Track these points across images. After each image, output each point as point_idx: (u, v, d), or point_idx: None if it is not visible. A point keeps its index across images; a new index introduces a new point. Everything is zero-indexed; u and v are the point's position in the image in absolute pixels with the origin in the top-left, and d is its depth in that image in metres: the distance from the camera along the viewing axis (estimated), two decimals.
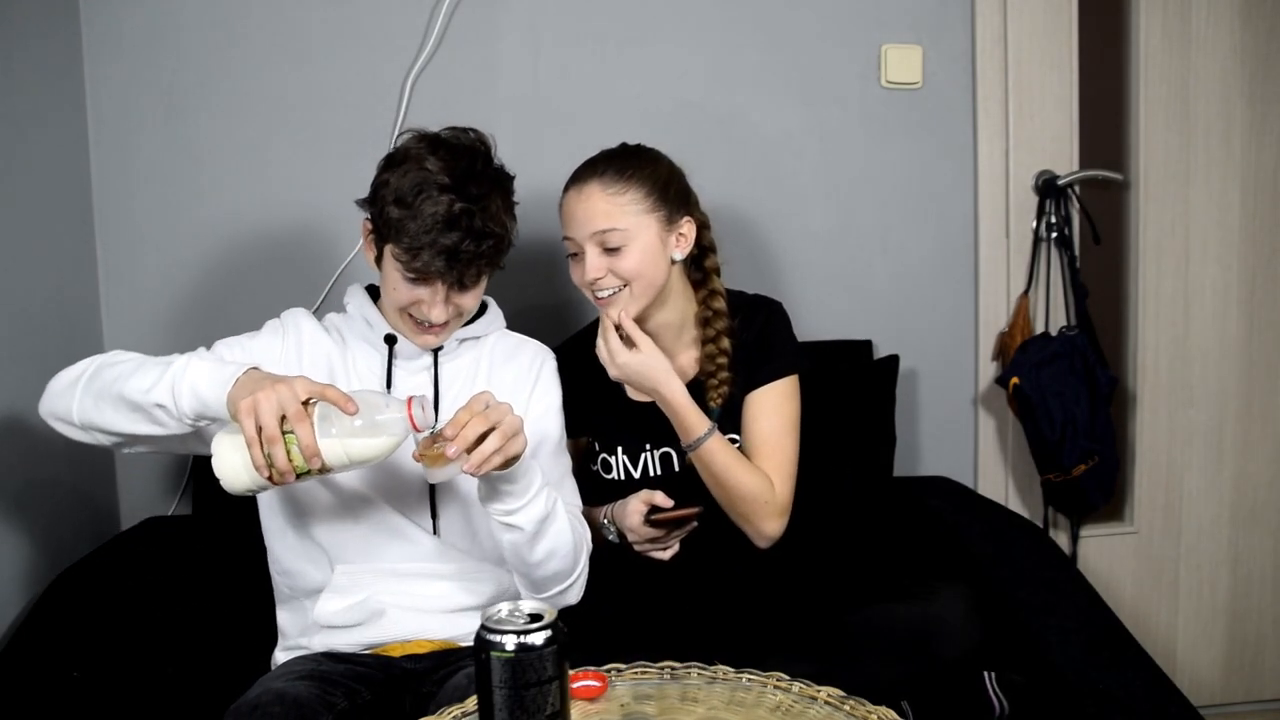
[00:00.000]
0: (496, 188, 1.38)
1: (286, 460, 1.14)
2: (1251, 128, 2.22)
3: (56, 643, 1.49)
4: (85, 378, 1.28)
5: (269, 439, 1.13)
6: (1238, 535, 2.33)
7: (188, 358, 1.25)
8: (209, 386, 1.19)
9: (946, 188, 2.17)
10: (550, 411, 1.52)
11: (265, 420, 1.12)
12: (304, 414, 1.14)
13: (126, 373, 1.24)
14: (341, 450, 1.16)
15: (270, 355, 1.43)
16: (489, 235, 1.34)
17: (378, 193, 1.37)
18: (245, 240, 1.98)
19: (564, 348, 1.65)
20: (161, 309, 1.97)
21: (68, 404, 1.27)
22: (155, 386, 1.21)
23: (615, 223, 1.52)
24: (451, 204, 1.32)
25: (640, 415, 1.63)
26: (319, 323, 1.49)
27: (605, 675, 1.18)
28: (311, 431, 1.14)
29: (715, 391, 1.61)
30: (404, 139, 1.41)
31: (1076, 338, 2.10)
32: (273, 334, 1.47)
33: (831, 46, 2.10)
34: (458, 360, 1.48)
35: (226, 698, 1.27)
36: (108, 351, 1.34)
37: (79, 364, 1.32)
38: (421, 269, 1.33)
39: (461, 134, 1.41)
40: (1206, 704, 2.31)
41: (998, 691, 1.43)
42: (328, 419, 1.15)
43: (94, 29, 1.91)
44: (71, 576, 1.65)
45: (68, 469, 1.80)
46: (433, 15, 1.98)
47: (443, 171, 1.33)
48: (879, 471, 2.00)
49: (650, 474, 1.63)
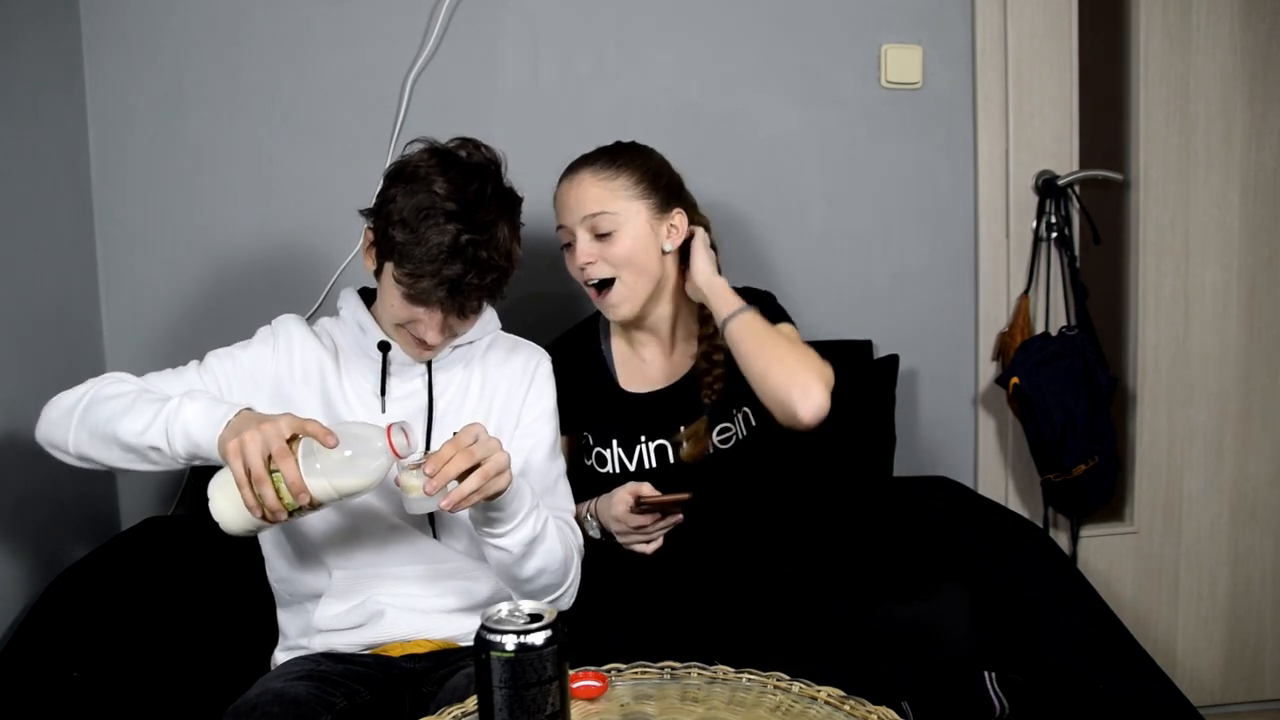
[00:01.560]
0: (504, 215, 1.35)
1: (276, 499, 1.15)
2: (1251, 128, 2.22)
3: (56, 643, 1.49)
4: (80, 410, 1.28)
5: (257, 479, 1.14)
6: (1238, 535, 2.33)
7: (180, 399, 1.24)
8: (201, 429, 1.21)
9: (946, 188, 2.17)
10: (544, 416, 1.51)
11: (251, 461, 1.14)
12: (287, 451, 1.15)
13: (120, 410, 1.25)
14: (328, 484, 1.17)
15: (261, 365, 1.43)
16: (493, 268, 1.32)
17: (383, 209, 1.34)
18: (245, 240, 1.98)
19: (557, 344, 1.65)
20: (161, 309, 1.97)
21: (63, 436, 1.29)
22: (149, 429, 1.23)
23: (605, 206, 1.54)
24: (458, 234, 1.28)
25: (635, 408, 1.64)
26: (310, 329, 1.48)
27: (605, 675, 1.18)
28: (296, 468, 1.15)
29: (709, 388, 1.61)
30: (414, 149, 1.37)
31: (1076, 338, 2.10)
32: (264, 343, 1.45)
33: (831, 46, 2.10)
34: (452, 368, 1.47)
35: (226, 698, 1.27)
36: (101, 376, 1.34)
37: (74, 392, 1.32)
38: (421, 295, 1.31)
39: (474, 150, 1.37)
40: (1206, 704, 2.31)
41: (998, 691, 1.43)
42: (312, 454, 1.16)
43: (94, 29, 1.91)
44: (71, 576, 1.65)
45: (68, 469, 1.79)
46: (433, 15, 1.98)
47: (450, 196, 1.29)
48: (879, 471, 2.00)
49: (646, 467, 1.63)
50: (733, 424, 1.63)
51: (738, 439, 1.63)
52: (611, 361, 1.69)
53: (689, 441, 1.61)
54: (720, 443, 1.63)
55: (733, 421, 1.63)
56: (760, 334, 1.53)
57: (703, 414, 1.61)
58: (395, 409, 1.43)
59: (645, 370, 1.68)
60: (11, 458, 1.61)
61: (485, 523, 1.30)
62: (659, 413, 1.63)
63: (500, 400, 1.48)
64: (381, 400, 1.43)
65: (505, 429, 1.47)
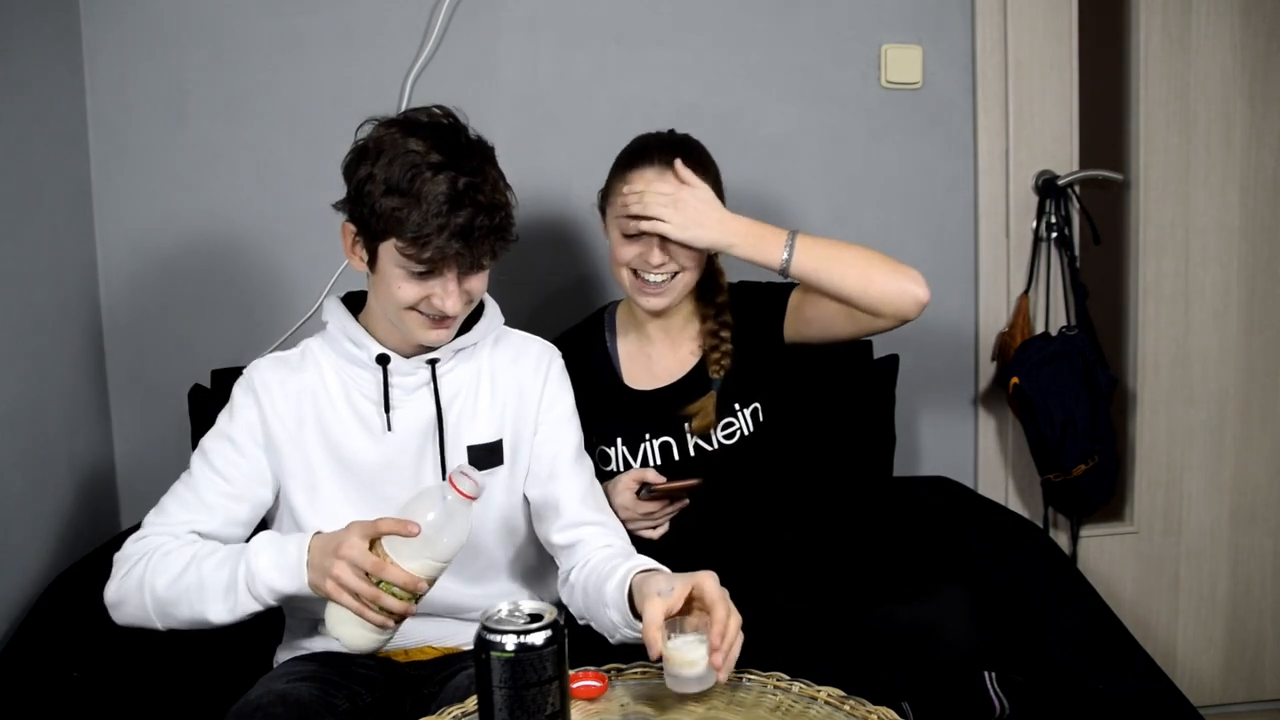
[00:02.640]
0: (488, 159, 1.30)
1: (398, 603, 1.15)
2: (1251, 128, 2.22)
3: (56, 643, 1.49)
4: (154, 611, 1.27)
5: (372, 600, 1.14)
6: (1238, 535, 2.33)
7: (244, 562, 1.23)
8: (286, 582, 1.22)
9: (946, 188, 2.17)
10: (565, 417, 1.47)
11: (358, 588, 1.14)
12: (383, 562, 1.14)
13: (193, 597, 1.25)
14: (430, 562, 1.16)
15: (253, 429, 1.37)
16: (498, 206, 1.26)
17: (362, 188, 1.27)
18: (245, 240, 1.98)
19: (561, 342, 1.63)
20: (161, 309, 1.97)
21: (145, 618, 1.29)
22: (237, 606, 1.24)
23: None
24: (454, 180, 1.23)
25: (639, 405, 1.65)
26: (286, 362, 1.41)
27: (605, 675, 1.18)
28: (400, 571, 1.14)
29: (717, 365, 1.63)
30: (366, 129, 1.31)
31: (1076, 338, 2.10)
32: (246, 404, 1.38)
33: (831, 46, 2.10)
34: (456, 371, 1.41)
35: (228, 698, 1.27)
36: (128, 547, 1.32)
37: (131, 572, 1.28)
38: (434, 256, 1.24)
39: (427, 112, 1.31)
40: (1206, 704, 2.31)
41: (998, 691, 1.43)
42: (396, 545, 1.15)
43: (94, 29, 1.91)
44: (71, 576, 1.65)
45: (68, 469, 1.80)
46: (433, 15, 1.98)
47: (431, 150, 1.24)
48: (879, 471, 2.00)
49: (650, 464, 1.63)
50: (737, 419, 1.64)
51: (742, 435, 1.64)
52: (617, 359, 1.69)
53: (697, 416, 1.62)
54: (725, 438, 1.63)
55: (737, 417, 1.64)
56: (828, 247, 1.53)
57: (711, 389, 1.62)
58: (401, 425, 1.38)
59: (651, 367, 1.68)
60: (12, 457, 1.61)
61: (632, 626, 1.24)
62: (664, 410, 1.63)
63: (515, 404, 1.44)
64: (386, 418, 1.38)
65: (524, 434, 1.44)
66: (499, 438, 1.43)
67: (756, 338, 1.64)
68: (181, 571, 1.26)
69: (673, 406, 1.64)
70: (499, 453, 1.43)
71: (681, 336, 1.68)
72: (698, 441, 1.63)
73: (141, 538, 1.33)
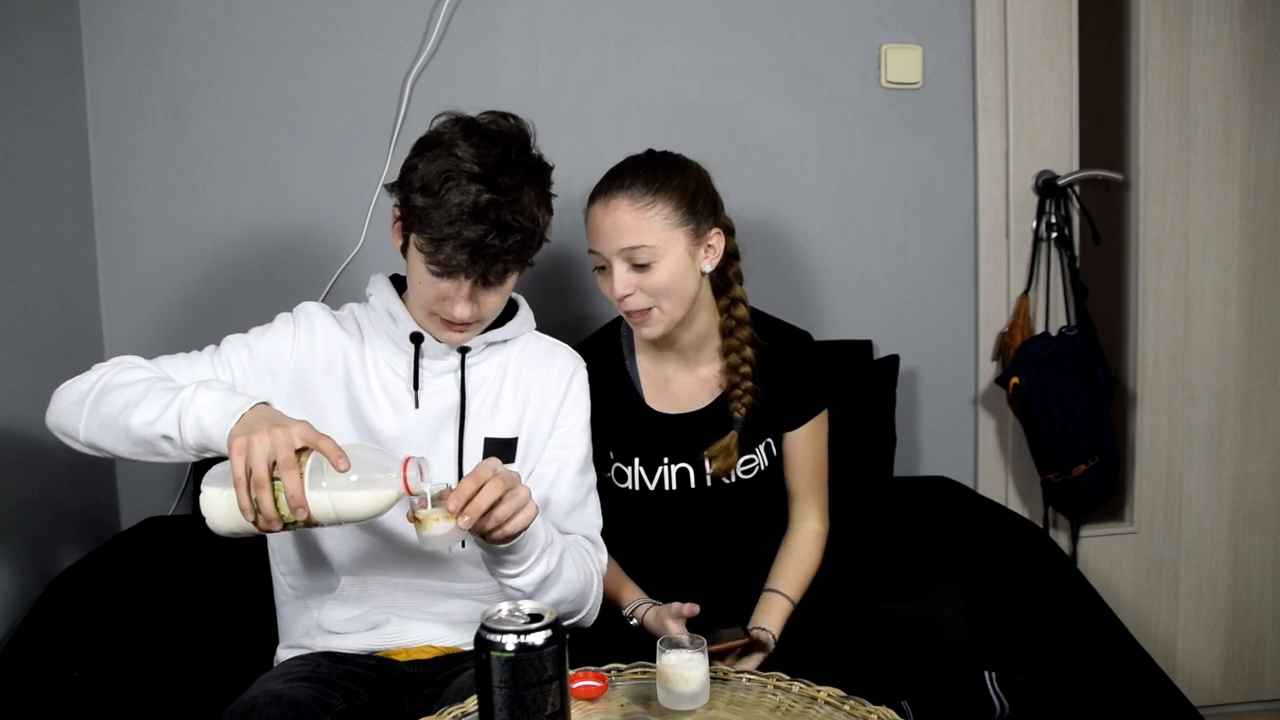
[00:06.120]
0: (531, 179, 1.31)
1: (273, 508, 1.09)
2: (1251, 128, 2.22)
3: (56, 643, 1.49)
4: (92, 398, 1.24)
5: (256, 483, 1.09)
6: (1238, 535, 2.33)
7: (195, 387, 1.19)
8: (215, 421, 1.16)
9: (946, 188, 2.17)
10: (579, 429, 1.47)
11: (255, 463, 1.08)
12: (294, 462, 1.09)
13: (133, 399, 1.21)
14: (330, 505, 1.11)
15: (280, 355, 1.38)
16: (516, 230, 1.27)
17: (405, 177, 1.31)
18: (245, 240, 1.98)
19: (580, 350, 1.57)
20: (161, 309, 1.97)
21: (74, 423, 1.25)
22: (161, 418, 1.18)
23: (643, 239, 1.47)
24: (479, 194, 1.24)
25: (660, 426, 1.61)
26: (334, 315, 1.43)
27: (605, 675, 1.18)
28: (299, 482, 1.09)
29: (739, 402, 1.59)
30: (439, 121, 1.34)
31: (1076, 338, 2.10)
32: (284, 331, 1.40)
33: (831, 46, 2.10)
34: (485, 364, 1.43)
35: (226, 697, 1.27)
36: (113, 359, 1.31)
37: (86, 378, 1.27)
38: (444, 262, 1.27)
39: (500, 119, 1.33)
40: (1206, 704, 2.31)
41: (998, 691, 1.43)
42: (319, 471, 1.10)
43: (94, 29, 1.91)
44: (71, 576, 1.65)
45: (68, 469, 1.80)
46: (433, 15, 1.98)
47: (474, 159, 1.26)
48: (879, 471, 2.00)
49: (666, 488, 1.60)
50: (756, 455, 1.62)
51: (760, 470, 1.63)
52: (637, 378, 1.64)
53: (718, 457, 1.59)
54: (744, 473, 1.62)
55: (756, 453, 1.63)
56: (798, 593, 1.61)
57: (732, 430, 1.59)
58: (427, 404, 1.39)
59: (670, 388, 1.63)
60: (12, 457, 1.61)
61: (498, 563, 1.26)
62: (686, 436, 1.59)
63: (535, 404, 1.44)
64: (415, 395, 1.39)
65: (539, 434, 1.44)
66: (515, 435, 1.43)
67: (779, 394, 1.62)
68: (138, 381, 1.24)
69: (692, 434, 1.60)
70: (513, 451, 1.43)
71: (699, 356, 1.62)
72: (715, 473, 1.60)
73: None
